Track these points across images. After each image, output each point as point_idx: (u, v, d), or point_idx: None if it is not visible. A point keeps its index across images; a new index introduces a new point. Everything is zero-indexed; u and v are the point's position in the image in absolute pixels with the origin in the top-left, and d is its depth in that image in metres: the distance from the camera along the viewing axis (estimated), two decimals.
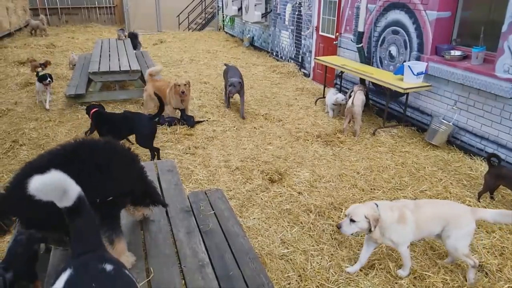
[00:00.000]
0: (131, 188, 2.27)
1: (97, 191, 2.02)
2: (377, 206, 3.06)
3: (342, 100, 6.62)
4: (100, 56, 9.01)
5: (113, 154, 2.23)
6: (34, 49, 12.79)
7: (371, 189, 4.72)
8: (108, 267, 1.45)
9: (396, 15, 6.57)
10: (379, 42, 7.07)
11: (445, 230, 3.09)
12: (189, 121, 6.50)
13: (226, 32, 16.92)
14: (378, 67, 7.16)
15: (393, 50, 6.75)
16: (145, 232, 2.54)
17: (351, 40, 7.81)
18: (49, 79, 7.08)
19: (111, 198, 2.13)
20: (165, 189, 3.14)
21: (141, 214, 2.60)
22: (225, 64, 8.15)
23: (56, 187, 1.46)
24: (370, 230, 3.02)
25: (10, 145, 5.63)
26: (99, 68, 7.88)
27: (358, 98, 6.16)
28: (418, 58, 6.17)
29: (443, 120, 5.62)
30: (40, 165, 1.95)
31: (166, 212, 2.80)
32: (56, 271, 2.16)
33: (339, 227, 3.10)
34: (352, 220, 3.01)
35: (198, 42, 14.81)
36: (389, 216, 3.04)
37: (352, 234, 3.21)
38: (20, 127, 6.29)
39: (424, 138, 5.94)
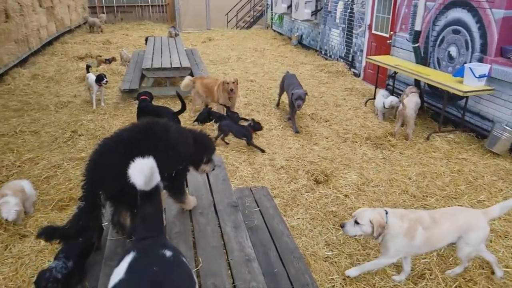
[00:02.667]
0: (189, 160, 2.57)
1: (167, 165, 2.27)
2: (387, 213, 2.96)
3: (397, 103, 6.35)
4: (153, 53, 9.33)
5: (179, 132, 2.49)
6: (91, 45, 13.50)
7: (423, 196, 4.50)
8: (168, 253, 1.52)
9: (458, 13, 6.20)
10: (438, 42, 6.72)
11: (463, 237, 3.00)
12: (233, 118, 6.53)
13: (274, 30, 16.90)
14: (435, 68, 6.81)
15: (453, 50, 6.39)
16: (194, 223, 2.58)
17: (407, 39, 7.50)
18: (105, 79, 7.23)
19: (178, 169, 2.44)
20: (213, 183, 3.17)
21: (208, 170, 2.77)
22: (286, 72, 7.54)
23: (150, 172, 1.59)
24: (374, 236, 2.93)
25: (70, 134, 5.97)
26: (151, 64, 8.16)
27: (412, 100, 5.89)
28: (480, 60, 5.79)
29: (506, 127, 5.23)
30: (121, 139, 2.22)
31: (214, 206, 2.83)
32: (114, 253, 2.27)
33: (342, 226, 3.07)
34: (356, 222, 2.96)
35: (246, 40, 14.92)
36: (397, 225, 2.93)
37: (355, 236, 3.16)
38: (78, 118, 6.66)
39: (484, 145, 5.57)
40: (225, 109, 6.65)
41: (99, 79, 7.11)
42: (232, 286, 2.08)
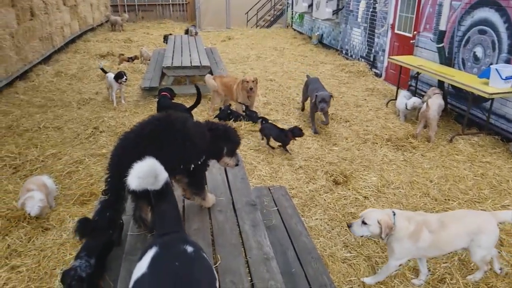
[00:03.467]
0: (207, 155, 2.53)
1: (185, 156, 2.32)
2: (394, 214, 2.92)
3: (419, 104, 6.22)
4: (173, 52, 9.42)
5: (195, 125, 2.51)
6: (113, 43, 13.74)
7: (445, 199, 4.39)
8: (189, 248, 1.54)
9: (485, 13, 6.03)
10: (463, 42, 6.55)
11: (475, 240, 2.94)
12: (252, 117, 6.54)
13: (294, 29, 16.83)
14: (460, 69, 6.64)
15: (479, 51, 6.21)
16: (213, 221, 2.58)
17: (431, 39, 7.33)
18: (125, 77, 7.26)
19: (197, 163, 2.45)
20: (232, 182, 3.16)
21: (231, 164, 2.72)
22: (307, 76, 7.23)
23: (150, 173, 1.61)
24: (381, 237, 2.90)
25: (92, 131, 6.08)
26: (172, 63, 8.23)
27: (435, 102, 5.76)
28: (507, 61, 5.61)
29: None
30: (141, 132, 2.28)
31: (233, 204, 2.82)
32: (134, 248, 2.29)
33: (349, 225, 3.03)
34: (364, 223, 2.92)
35: (266, 39, 14.90)
36: (404, 227, 2.89)
37: (362, 237, 3.13)
38: (100, 115, 6.78)
39: (509, 149, 5.41)
40: (244, 107, 6.66)
41: (119, 76, 7.18)
42: (250, 285, 2.07)
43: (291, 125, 6.44)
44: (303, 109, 7.20)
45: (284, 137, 5.46)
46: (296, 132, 5.43)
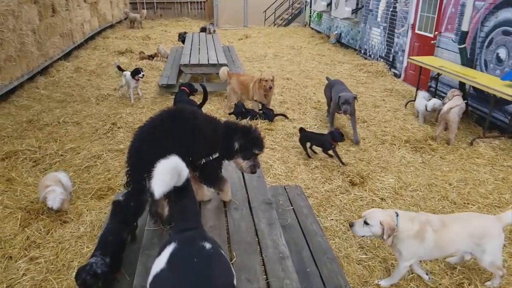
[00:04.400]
0: (219, 149, 2.48)
1: (194, 148, 2.33)
2: (397, 215, 2.88)
3: (439, 105, 6.09)
4: (191, 49, 9.46)
5: (208, 121, 2.50)
6: (131, 40, 13.89)
7: (464, 203, 4.29)
8: (207, 245, 1.54)
9: (510, 13, 5.86)
10: (486, 43, 6.39)
11: (479, 245, 2.90)
12: (268, 115, 6.52)
13: (312, 28, 16.72)
14: (482, 70, 6.48)
15: (502, 52, 6.05)
16: (229, 218, 2.58)
17: (452, 40, 7.18)
18: (142, 73, 7.29)
19: (208, 159, 2.44)
20: (248, 180, 3.16)
21: (244, 168, 2.59)
22: (327, 78, 6.91)
23: (175, 172, 1.61)
24: (383, 238, 2.86)
25: (110, 126, 6.16)
26: (189, 60, 8.27)
27: (455, 104, 5.63)
28: None
29: None
30: (156, 124, 2.34)
31: (249, 202, 2.81)
32: (151, 243, 2.31)
33: (351, 225, 2.99)
34: (366, 223, 2.88)
35: (283, 38, 14.85)
36: (407, 228, 2.85)
37: (363, 236, 3.09)
38: (118, 111, 6.86)
39: None
40: (260, 106, 6.65)
41: (136, 72, 7.22)
42: (266, 283, 2.06)
43: (308, 125, 6.40)
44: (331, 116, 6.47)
45: (325, 141, 5.18)
46: (336, 136, 5.09)
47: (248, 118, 6.51)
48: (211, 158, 2.46)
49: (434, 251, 2.93)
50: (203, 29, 12.48)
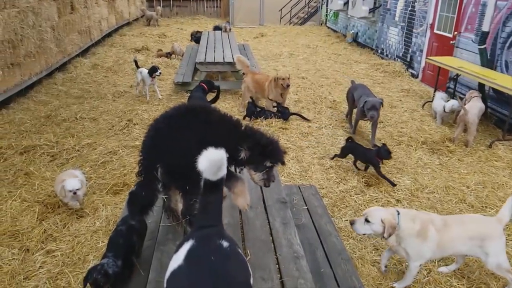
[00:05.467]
0: (234, 148, 2.25)
1: (204, 141, 2.19)
2: (398, 214, 2.84)
3: (458, 107, 5.97)
4: (206, 48, 9.49)
5: (223, 119, 2.43)
6: (148, 38, 14.00)
7: (482, 206, 4.21)
8: (225, 243, 1.53)
9: None
10: (507, 44, 6.23)
11: (482, 248, 2.86)
12: (284, 113, 6.49)
13: (328, 27, 16.60)
14: (502, 72, 6.33)
15: None
16: (243, 216, 2.58)
17: (472, 40, 7.03)
18: (159, 70, 7.32)
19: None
20: None
21: (256, 179, 2.36)
22: (352, 82, 6.57)
23: (220, 163, 1.60)
24: (384, 236, 2.82)
25: (126, 123, 6.22)
26: (205, 58, 8.30)
27: (475, 105, 5.52)
28: None
29: None
30: (172, 115, 2.41)
31: (263, 200, 2.80)
32: (165, 238, 2.31)
33: (352, 223, 2.95)
34: (367, 221, 2.84)
35: (299, 37, 14.77)
36: (409, 227, 2.82)
37: (364, 235, 3.03)
38: (134, 108, 6.93)
39: None
40: (276, 104, 6.62)
41: (153, 70, 7.25)
42: (280, 282, 2.05)
43: (323, 124, 6.35)
44: (350, 116, 6.29)
45: (371, 157, 4.69)
46: (382, 154, 4.58)
47: (262, 118, 6.49)
48: None
49: (436, 251, 2.90)
50: (216, 28, 12.49)
